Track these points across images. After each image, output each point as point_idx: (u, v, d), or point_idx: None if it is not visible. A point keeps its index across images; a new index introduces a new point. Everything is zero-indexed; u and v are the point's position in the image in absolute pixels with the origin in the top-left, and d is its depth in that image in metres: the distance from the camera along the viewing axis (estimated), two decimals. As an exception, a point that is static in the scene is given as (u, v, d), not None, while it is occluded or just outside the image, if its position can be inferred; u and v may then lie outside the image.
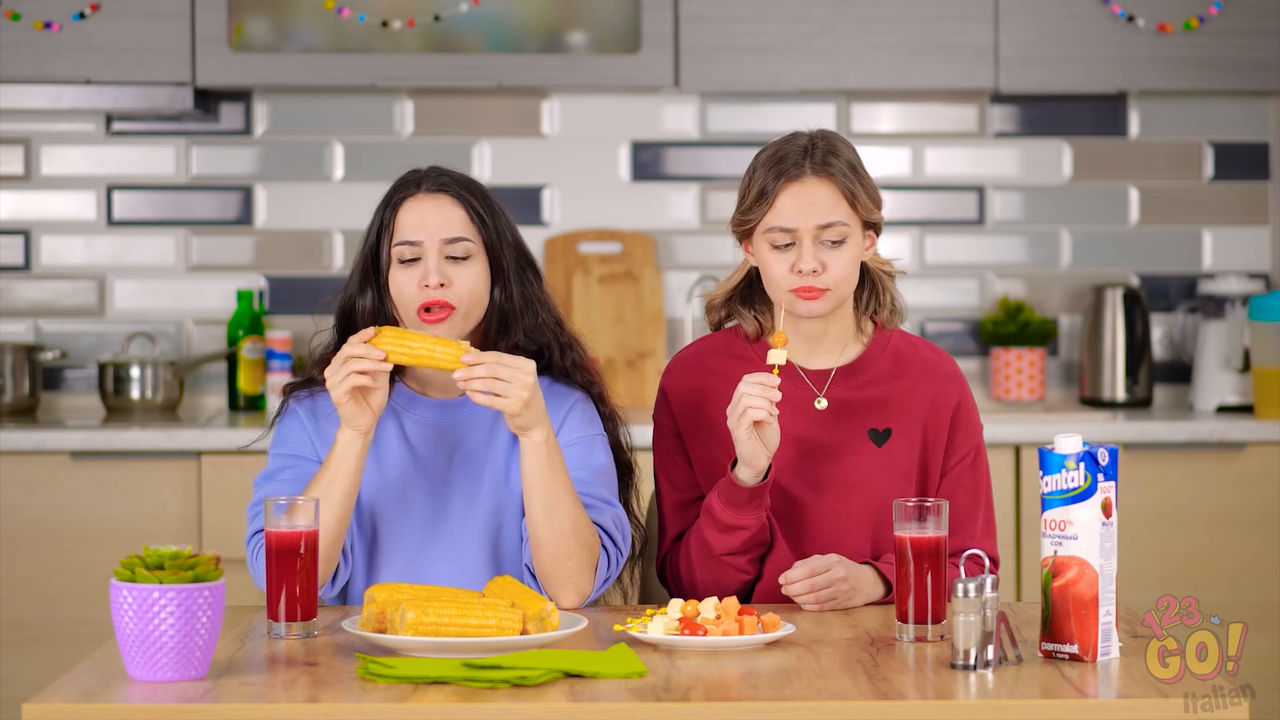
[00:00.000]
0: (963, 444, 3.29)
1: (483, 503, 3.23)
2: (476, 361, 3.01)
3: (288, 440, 3.27)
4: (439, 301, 3.17)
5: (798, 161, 3.18)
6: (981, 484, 3.30)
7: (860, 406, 3.26)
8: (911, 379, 3.29)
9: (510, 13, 5.05)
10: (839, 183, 3.17)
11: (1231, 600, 4.83)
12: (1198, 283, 5.37)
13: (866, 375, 3.28)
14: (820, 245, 3.17)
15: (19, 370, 5.17)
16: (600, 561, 3.15)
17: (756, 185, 3.20)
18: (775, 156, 3.21)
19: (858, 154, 3.24)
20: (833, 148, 3.20)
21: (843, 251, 3.17)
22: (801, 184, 3.17)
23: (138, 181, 5.35)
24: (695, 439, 3.29)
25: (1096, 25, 5.07)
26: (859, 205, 3.18)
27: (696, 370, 3.32)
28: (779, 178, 3.18)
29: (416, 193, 3.22)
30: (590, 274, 5.31)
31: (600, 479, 3.24)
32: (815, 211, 3.16)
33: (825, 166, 3.18)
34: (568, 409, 3.27)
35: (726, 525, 3.16)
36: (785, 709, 2.54)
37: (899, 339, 3.33)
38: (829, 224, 3.16)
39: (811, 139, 3.22)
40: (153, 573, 2.62)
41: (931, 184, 5.41)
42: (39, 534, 4.81)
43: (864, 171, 3.22)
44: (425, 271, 3.17)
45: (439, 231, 3.19)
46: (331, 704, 2.55)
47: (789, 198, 3.17)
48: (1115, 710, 2.56)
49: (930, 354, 3.33)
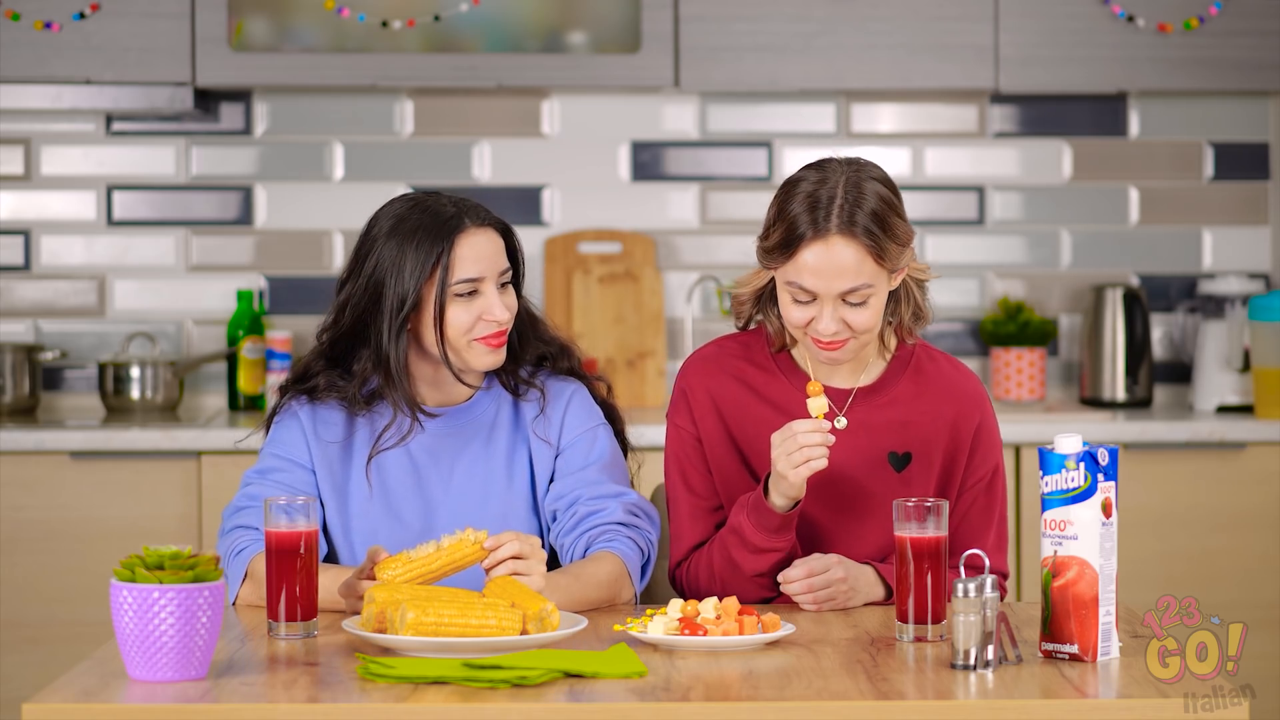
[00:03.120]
0: (980, 465, 3.25)
1: (490, 507, 3.24)
2: (497, 544, 3.00)
3: (284, 441, 3.27)
4: (503, 330, 3.20)
5: (824, 216, 3.04)
6: (996, 503, 3.26)
7: (880, 427, 3.21)
8: (933, 400, 3.23)
9: (510, 13, 5.05)
10: (864, 243, 3.04)
11: (1231, 600, 4.83)
12: (1198, 283, 5.37)
13: (887, 395, 3.23)
14: (841, 305, 3.08)
15: (19, 370, 5.17)
16: (633, 558, 3.18)
17: (780, 229, 3.08)
18: (807, 200, 3.07)
19: (890, 189, 3.09)
20: (860, 196, 3.05)
21: (865, 309, 3.08)
22: (826, 244, 3.04)
23: (138, 181, 5.35)
24: (715, 443, 3.25)
25: (1096, 25, 5.07)
26: (886, 260, 3.07)
27: (718, 374, 3.26)
28: (805, 228, 3.05)
29: (465, 230, 3.19)
30: (590, 274, 5.31)
31: (607, 471, 3.25)
32: (838, 277, 3.05)
33: (851, 225, 3.04)
34: (566, 401, 3.29)
35: (759, 548, 3.13)
36: (785, 709, 2.54)
37: (921, 354, 3.26)
38: (852, 289, 3.06)
39: (844, 185, 3.07)
40: (153, 573, 2.62)
41: (931, 184, 5.41)
42: (39, 534, 4.81)
43: (893, 216, 3.07)
44: (489, 305, 3.17)
45: (495, 264, 3.20)
46: (331, 704, 2.55)
47: (812, 256, 3.05)
48: (1115, 710, 2.56)
49: (952, 372, 3.27)
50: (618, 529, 3.20)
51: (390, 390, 3.19)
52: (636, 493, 3.28)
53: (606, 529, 3.20)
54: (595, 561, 3.15)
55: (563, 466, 3.27)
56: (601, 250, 5.35)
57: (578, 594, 3.08)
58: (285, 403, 3.29)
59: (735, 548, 3.16)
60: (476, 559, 2.97)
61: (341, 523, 3.25)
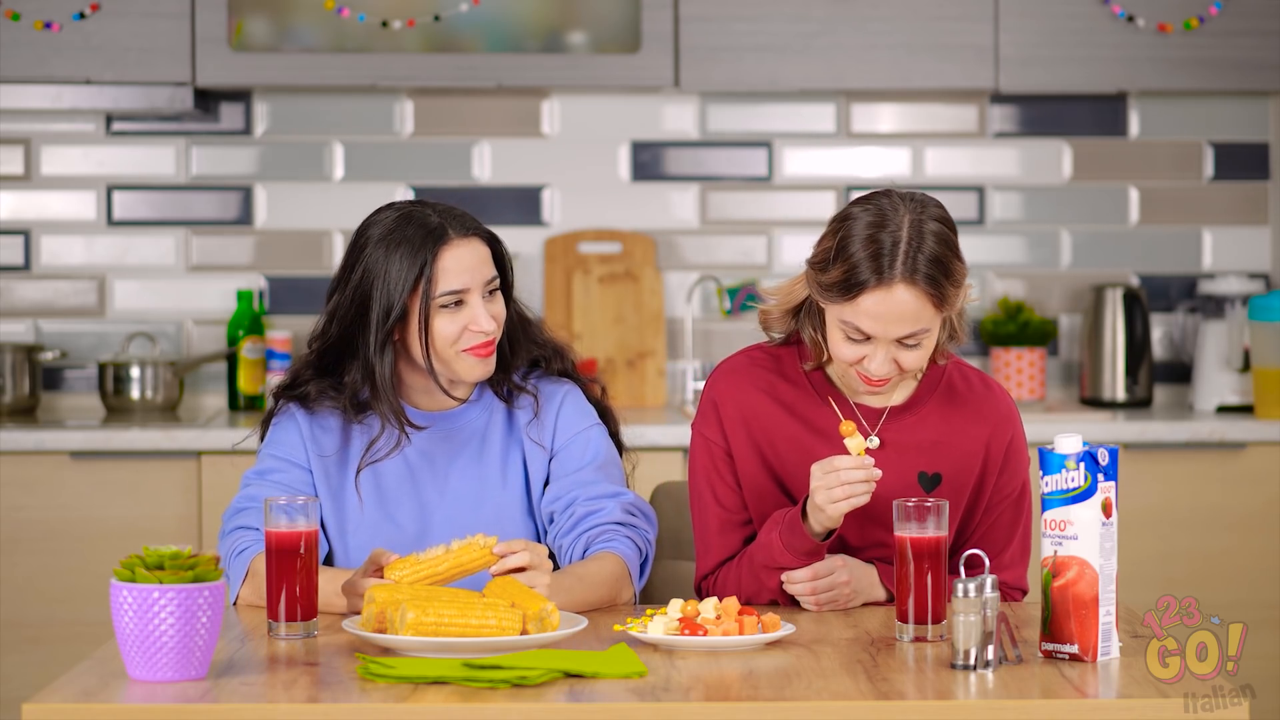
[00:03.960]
0: (1008, 484, 3.22)
1: (485, 510, 3.24)
2: (509, 550, 3.00)
3: (283, 442, 3.27)
4: (490, 340, 3.19)
5: (890, 263, 2.99)
6: (1021, 518, 3.23)
7: (911, 448, 3.19)
8: (964, 420, 3.20)
9: (510, 13, 5.05)
10: (927, 290, 3.00)
11: (1231, 600, 4.83)
12: (1198, 283, 5.37)
13: (918, 414, 3.20)
14: (895, 347, 3.05)
15: (19, 370, 5.17)
16: (632, 558, 3.18)
17: (841, 268, 3.01)
18: (868, 243, 3.00)
19: (951, 229, 3.04)
20: (923, 241, 3.00)
21: (919, 349, 3.06)
22: (889, 292, 2.99)
23: (138, 181, 5.35)
24: (746, 461, 3.20)
25: (1096, 25, 5.07)
26: (945, 306, 3.04)
27: (749, 388, 3.21)
28: (868, 276, 2.99)
29: (449, 241, 3.18)
30: (590, 274, 5.31)
31: (603, 471, 3.25)
32: (898, 324, 3.01)
33: (914, 274, 2.99)
34: (559, 403, 3.29)
35: (787, 569, 3.12)
36: (785, 709, 2.54)
37: (953, 371, 3.23)
38: (910, 334, 3.03)
39: (908, 229, 3.00)
40: (153, 573, 2.62)
41: (931, 184, 5.40)
42: (39, 534, 4.81)
43: (954, 261, 3.03)
44: (474, 316, 3.17)
45: (479, 274, 3.19)
46: (331, 704, 2.55)
47: (873, 303, 3.00)
48: (1115, 710, 2.56)
49: (984, 390, 3.23)
50: (616, 529, 3.20)
51: (377, 403, 3.19)
52: (633, 492, 3.28)
53: (605, 529, 3.20)
54: (597, 561, 3.15)
55: (558, 468, 3.27)
56: (601, 250, 5.35)
57: (581, 595, 3.08)
58: (282, 405, 3.29)
59: (762, 566, 3.14)
60: (485, 564, 2.97)
61: (338, 523, 3.25)
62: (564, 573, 3.10)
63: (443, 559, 2.96)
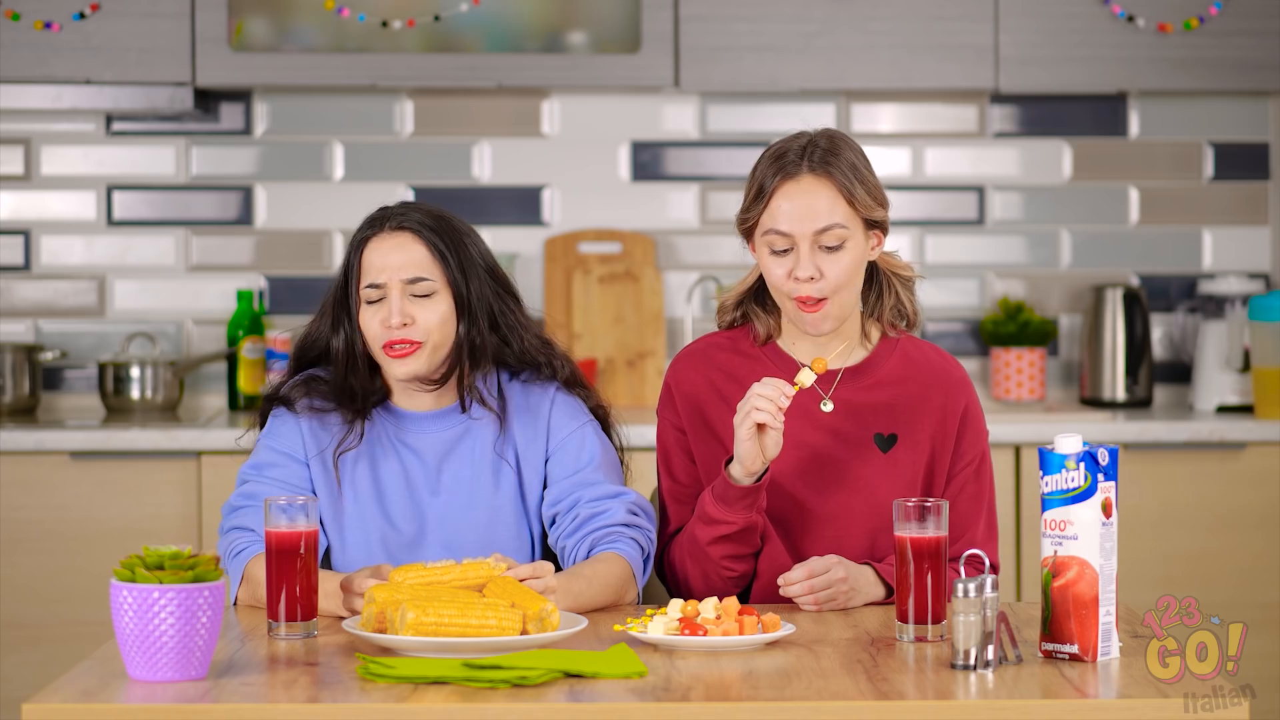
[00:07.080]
0: (968, 451, 3.28)
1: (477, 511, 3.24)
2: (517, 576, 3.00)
3: (281, 435, 3.28)
4: (403, 340, 3.20)
5: (795, 160, 3.16)
6: (985, 490, 3.29)
7: (866, 410, 3.25)
8: (920, 384, 3.27)
9: (510, 13, 5.05)
10: (836, 181, 3.15)
11: (1231, 600, 4.83)
12: (1198, 283, 5.37)
13: (874, 377, 3.26)
14: (818, 251, 3.14)
15: (19, 370, 5.17)
16: (636, 559, 3.19)
17: (755, 182, 3.20)
18: (775, 154, 3.20)
19: (862, 153, 3.20)
20: (834, 146, 3.18)
21: (841, 256, 3.15)
22: (798, 183, 3.15)
23: (138, 181, 5.35)
24: (698, 435, 3.28)
25: (1096, 25, 5.07)
26: (858, 204, 3.15)
27: (703, 366, 3.30)
28: (776, 175, 3.17)
29: (380, 233, 3.23)
30: (590, 274, 5.31)
31: (602, 470, 3.26)
32: (811, 215, 3.14)
33: (824, 165, 3.15)
34: (550, 404, 3.29)
35: (711, 518, 3.16)
36: (785, 709, 2.54)
37: (906, 343, 3.31)
38: (825, 228, 3.14)
39: (813, 138, 3.20)
40: (153, 573, 2.62)
41: (931, 184, 5.41)
42: (39, 534, 4.81)
43: (866, 169, 3.19)
44: (389, 311, 3.20)
45: (400, 272, 3.21)
46: (331, 704, 2.55)
47: (785, 198, 3.15)
48: (1115, 710, 2.56)
49: (938, 359, 3.31)
50: (621, 530, 3.20)
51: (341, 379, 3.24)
52: (634, 490, 3.28)
53: (610, 530, 3.21)
54: (604, 563, 3.16)
55: (556, 470, 3.28)
56: (601, 250, 5.35)
57: (588, 598, 3.09)
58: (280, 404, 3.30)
59: (695, 519, 3.21)
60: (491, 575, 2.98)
61: (335, 518, 3.26)
62: (571, 575, 3.10)
63: (448, 569, 2.96)
